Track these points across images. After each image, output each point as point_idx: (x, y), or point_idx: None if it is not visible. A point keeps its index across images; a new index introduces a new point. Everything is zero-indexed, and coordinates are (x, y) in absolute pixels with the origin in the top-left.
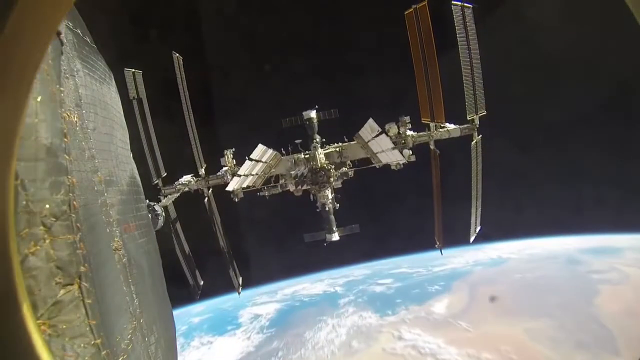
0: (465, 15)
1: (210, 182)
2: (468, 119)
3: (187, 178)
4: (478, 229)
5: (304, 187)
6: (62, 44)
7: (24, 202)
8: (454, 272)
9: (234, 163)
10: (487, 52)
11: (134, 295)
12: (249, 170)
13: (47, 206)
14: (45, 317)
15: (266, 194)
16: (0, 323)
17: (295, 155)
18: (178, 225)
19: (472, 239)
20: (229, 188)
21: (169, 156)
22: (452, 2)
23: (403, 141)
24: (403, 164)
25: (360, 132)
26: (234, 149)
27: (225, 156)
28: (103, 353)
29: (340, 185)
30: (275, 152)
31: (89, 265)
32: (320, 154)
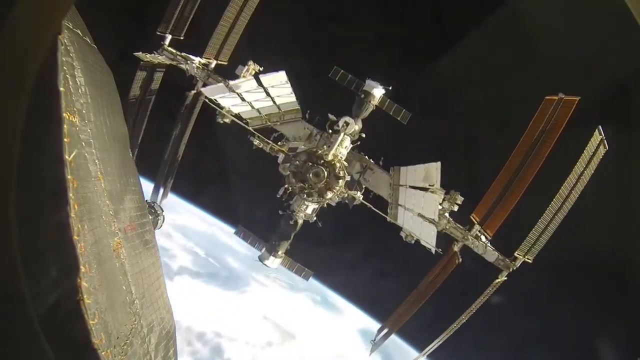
0: (598, 150)
1: (210, 79)
2: (515, 254)
3: (195, 58)
4: (423, 358)
5: (291, 170)
6: (61, 44)
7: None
8: None
9: None
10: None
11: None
12: (249, 96)
13: None
14: (45, 316)
15: (255, 142)
16: (2, 323)
17: (316, 130)
18: (153, 98)
19: None
20: (209, 93)
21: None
22: (600, 126)
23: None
24: (415, 241)
25: (402, 168)
26: (262, 68)
27: (247, 67)
28: (103, 353)
29: (333, 204)
30: (298, 107)
31: (89, 265)
32: (343, 145)
